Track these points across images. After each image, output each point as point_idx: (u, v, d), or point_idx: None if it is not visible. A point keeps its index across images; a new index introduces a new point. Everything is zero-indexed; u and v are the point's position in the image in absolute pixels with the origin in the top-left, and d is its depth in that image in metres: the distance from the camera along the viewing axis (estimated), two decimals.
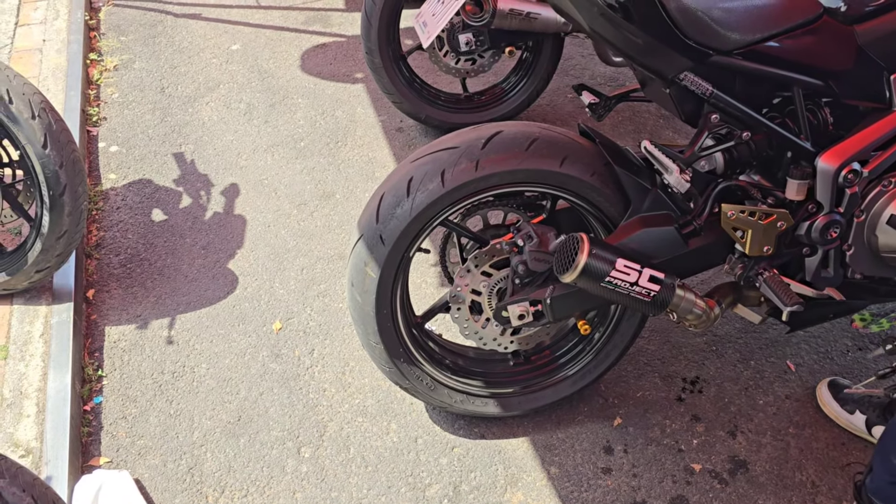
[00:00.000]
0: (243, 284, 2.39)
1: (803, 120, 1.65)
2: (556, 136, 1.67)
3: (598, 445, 1.94)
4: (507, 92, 2.85)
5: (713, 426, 1.98)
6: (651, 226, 1.67)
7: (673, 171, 1.59)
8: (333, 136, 2.96)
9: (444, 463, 1.91)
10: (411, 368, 1.84)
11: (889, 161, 1.64)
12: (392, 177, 1.71)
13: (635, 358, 2.14)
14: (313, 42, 3.50)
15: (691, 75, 1.57)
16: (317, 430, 1.99)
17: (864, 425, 1.87)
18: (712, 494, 1.83)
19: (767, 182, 1.73)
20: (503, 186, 1.65)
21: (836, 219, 1.66)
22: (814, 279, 1.75)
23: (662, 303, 1.60)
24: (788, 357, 2.14)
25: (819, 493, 1.82)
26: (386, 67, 2.67)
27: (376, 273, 1.69)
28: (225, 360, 2.17)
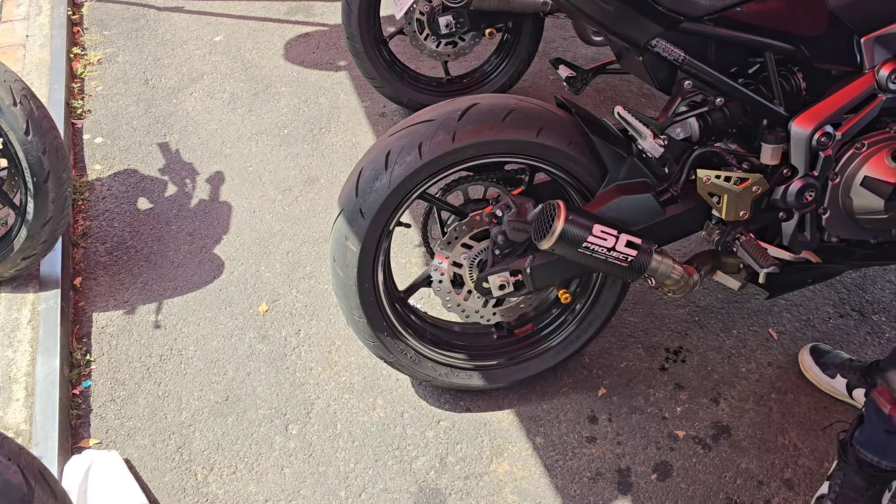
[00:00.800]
0: (229, 269, 2.40)
1: (776, 85, 1.67)
2: (533, 106, 1.69)
3: (582, 415, 1.96)
4: (488, 74, 2.87)
5: (696, 394, 2.00)
6: (628, 193, 1.69)
7: (646, 135, 1.60)
8: (317, 123, 2.97)
9: (431, 436, 1.93)
10: (395, 342, 1.86)
11: (861, 123, 1.66)
12: (371, 151, 1.72)
13: (618, 329, 2.16)
14: (296, 31, 3.51)
15: (663, 42, 1.59)
16: (304, 407, 2.01)
17: (846, 389, 1.89)
18: (696, 459, 1.85)
19: (743, 148, 1.75)
20: (480, 158, 1.67)
21: (811, 182, 1.69)
22: (791, 243, 1.78)
23: (640, 267, 1.62)
24: (770, 325, 2.16)
25: (801, 455, 1.85)
26: (367, 52, 2.69)
27: (357, 247, 1.71)
28: (212, 343, 2.19)
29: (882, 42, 1.62)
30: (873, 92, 1.64)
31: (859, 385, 1.85)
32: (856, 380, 1.86)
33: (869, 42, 1.62)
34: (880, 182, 1.64)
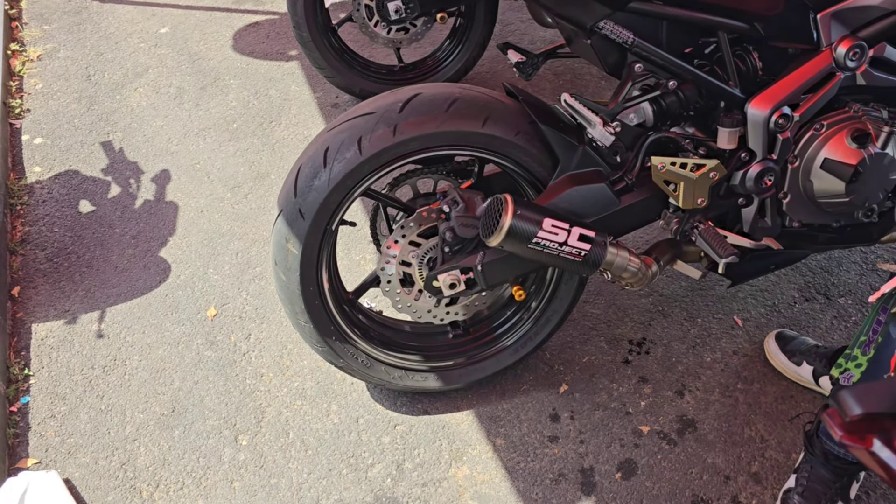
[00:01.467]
0: (176, 272, 2.30)
1: (731, 65, 1.59)
2: (478, 95, 1.60)
3: (543, 414, 1.89)
4: (442, 61, 2.77)
5: (661, 387, 1.94)
6: (581, 183, 1.61)
7: (596, 123, 1.53)
8: (267, 116, 2.86)
9: (387, 441, 1.85)
10: (344, 346, 1.77)
11: (820, 103, 1.59)
12: (309, 148, 1.63)
13: (580, 322, 2.09)
14: (245, 21, 3.38)
15: (611, 23, 1.50)
16: (254, 416, 1.92)
17: (812, 376, 1.84)
18: (661, 456, 1.79)
19: (700, 132, 1.68)
20: (424, 151, 1.58)
21: (770, 166, 1.62)
22: (751, 230, 1.71)
23: (594, 262, 1.55)
24: (735, 312, 2.11)
25: (768, 448, 1.80)
26: (315, 41, 2.58)
27: (298, 249, 1.62)
28: (158, 351, 2.09)
29: (839, 18, 1.55)
30: (831, 70, 1.57)
31: (825, 372, 1.80)
32: (822, 367, 1.81)
33: (825, 18, 1.55)
34: (840, 164, 1.58)
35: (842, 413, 0.64)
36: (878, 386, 0.67)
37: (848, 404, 0.65)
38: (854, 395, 0.66)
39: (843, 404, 0.65)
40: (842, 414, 0.64)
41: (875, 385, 0.67)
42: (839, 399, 0.66)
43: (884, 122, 1.58)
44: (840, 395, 0.66)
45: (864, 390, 0.67)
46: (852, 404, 0.65)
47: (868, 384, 0.68)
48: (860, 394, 0.66)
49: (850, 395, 0.66)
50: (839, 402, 0.66)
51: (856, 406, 0.64)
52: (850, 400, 0.65)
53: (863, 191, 1.60)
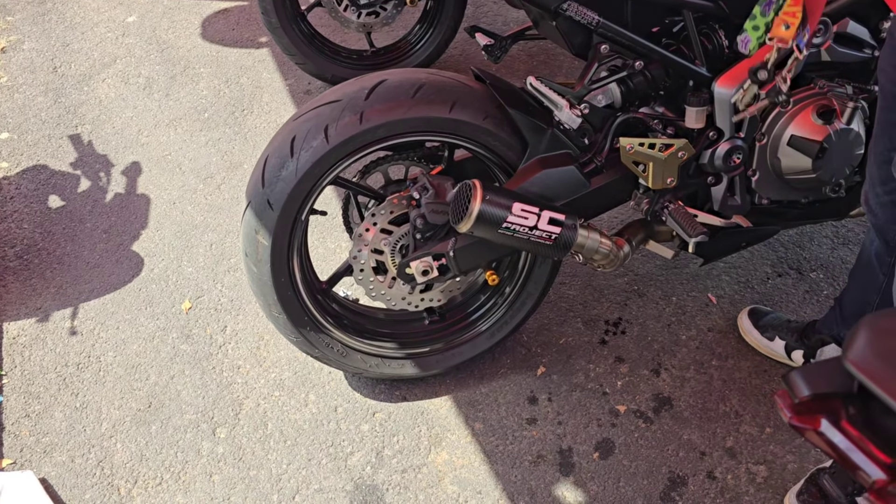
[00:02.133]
0: (149, 266, 2.28)
1: (696, 44, 1.59)
2: (445, 80, 1.59)
3: (521, 396, 1.90)
4: (413, 44, 2.75)
5: (637, 366, 1.95)
6: (550, 166, 1.61)
7: (563, 106, 1.52)
8: (239, 105, 2.83)
9: (366, 429, 1.86)
10: (319, 336, 1.77)
11: None
12: (276, 137, 1.61)
13: (556, 304, 2.10)
14: (214, 8, 3.34)
15: (576, 4, 1.50)
16: (232, 408, 1.91)
17: (784, 350, 1.86)
18: (637, 434, 1.81)
19: (668, 112, 1.68)
20: (392, 138, 1.57)
21: (738, 144, 1.62)
22: (721, 208, 1.72)
23: (565, 244, 1.55)
24: (710, 290, 2.12)
25: (742, 423, 1.82)
26: (284, 27, 2.55)
27: (268, 240, 1.61)
28: (133, 346, 2.07)
29: None
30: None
31: (797, 347, 1.82)
32: (794, 342, 1.83)
33: None
34: (807, 141, 1.58)
35: (791, 394, 0.65)
36: (827, 366, 0.67)
37: (797, 385, 0.65)
38: (803, 376, 0.66)
39: (793, 385, 0.65)
40: (791, 395, 0.65)
41: (823, 365, 0.67)
42: (789, 380, 0.67)
43: (848, 97, 1.58)
44: (790, 377, 0.67)
45: (812, 370, 0.67)
46: (801, 385, 0.65)
47: (817, 363, 0.68)
48: (809, 375, 0.66)
49: (799, 376, 0.66)
50: (788, 383, 0.66)
51: (805, 387, 0.65)
52: (799, 381, 0.66)
53: (829, 166, 1.61)
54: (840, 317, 1.68)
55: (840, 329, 1.70)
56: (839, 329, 1.70)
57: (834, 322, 1.71)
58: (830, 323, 1.72)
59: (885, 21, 1.58)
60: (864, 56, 1.61)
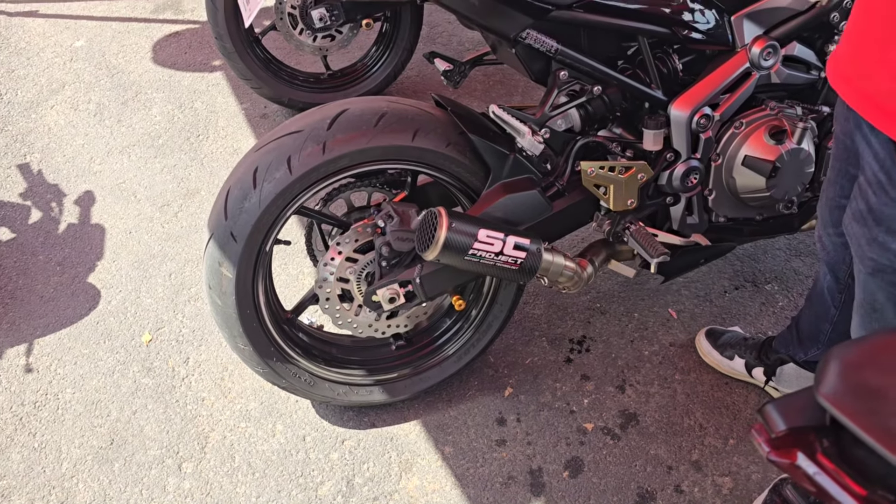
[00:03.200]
0: (107, 298, 2.23)
1: (652, 69, 1.63)
2: (406, 108, 1.60)
3: (490, 418, 1.91)
4: (370, 66, 2.75)
5: (602, 383, 1.98)
6: (513, 191, 1.63)
7: (525, 133, 1.54)
8: (194, 130, 2.79)
9: (336, 458, 1.84)
10: (286, 366, 1.75)
11: (738, 102, 1.64)
12: (237, 169, 1.60)
13: (522, 324, 2.12)
14: (165, 31, 3.29)
15: (534, 33, 1.52)
16: (198, 442, 1.88)
17: (745, 368, 1.90)
18: (606, 451, 1.83)
19: (627, 134, 1.71)
20: (355, 167, 1.57)
21: (695, 165, 1.66)
22: (680, 227, 1.76)
23: (531, 269, 1.57)
24: (670, 305, 2.16)
25: (707, 435, 1.85)
26: (239, 52, 2.53)
27: (232, 273, 1.59)
28: (92, 382, 2.02)
29: (752, 19, 1.61)
30: (747, 70, 1.62)
31: (756, 364, 1.87)
32: (753, 359, 1.87)
33: (739, 20, 1.60)
34: (760, 160, 1.63)
35: (768, 429, 0.67)
36: (800, 398, 0.70)
37: (773, 420, 0.67)
38: (778, 410, 0.68)
39: (769, 420, 0.68)
40: (768, 430, 0.67)
41: (796, 398, 0.69)
42: (764, 414, 0.69)
43: (798, 118, 1.64)
44: (765, 411, 0.69)
45: (787, 404, 0.69)
46: (777, 420, 0.67)
47: (790, 396, 0.70)
48: (784, 408, 0.69)
49: (774, 411, 0.69)
50: (765, 417, 0.68)
51: (780, 422, 0.67)
52: (774, 415, 0.68)
53: (782, 185, 1.66)
54: (797, 339, 1.73)
55: (796, 351, 1.75)
56: (795, 350, 1.75)
57: (791, 342, 1.76)
58: (787, 343, 1.77)
59: (829, 44, 1.65)
60: (811, 77, 1.67)
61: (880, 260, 1.16)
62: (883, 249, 1.14)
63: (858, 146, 1.13)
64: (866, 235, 1.16)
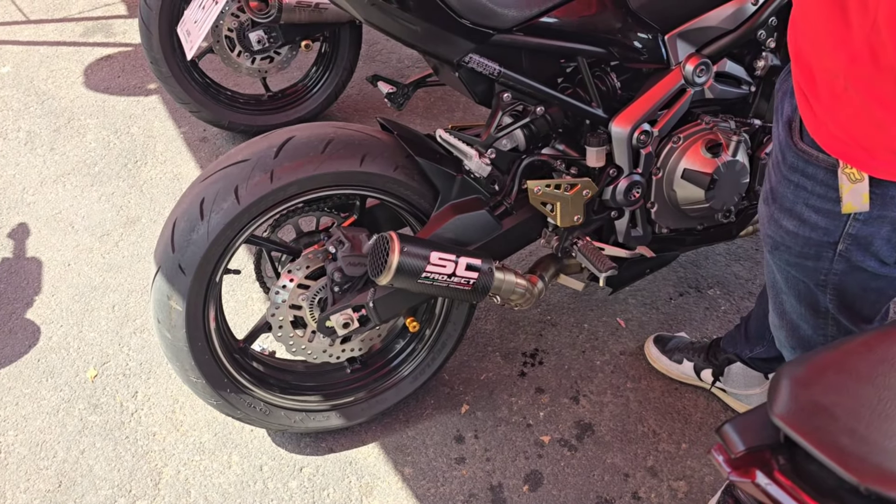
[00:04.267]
0: (47, 334, 2.16)
1: (591, 88, 1.67)
2: (353, 133, 1.60)
3: (448, 436, 1.92)
4: (311, 87, 2.74)
5: (557, 395, 2.01)
6: (462, 212, 1.64)
7: (472, 156, 1.56)
8: (131, 156, 2.72)
9: (294, 486, 1.82)
10: (241, 397, 1.72)
11: (675, 118, 1.69)
12: (183, 200, 1.57)
13: (475, 340, 2.13)
14: (96, 55, 3.21)
15: (476, 57, 1.54)
16: (151, 479, 1.83)
17: (693, 371, 1.96)
18: (563, 463, 1.86)
19: (570, 151, 1.75)
20: (304, 194, 1.56)
21: (636, 179, 1.71)
22: (625, 240, 1.80)
23: (483, 289, 1.58)
24: (618, 314, 2.21)
25: (660, 441, 1.90)
26: (175, 76, 2.48)
27: (182, 306, 1.56)
28: (35, 422, 1.95)
29: (684, 38, 1.66)
30: (682, 87, 1.67)
31: (705, 366, 1.92)
32: (701, 362, 1.93)
33: (672, 39, 1.66)
34: (698, 173, 1.69)
35: (727, 449, 0.70)
36: (755, 417, 0.73)
37: (731, 440, 0.70)
38: (735, 429, 0.71)
39: (727, 440, 0.70)
40: (727, 450, 0.70)
41: (752, 416, 0.72)
42: (723, 435, 0.71)
43: (732, 131, 1.70)
44: (724, 431, 0.72)
45: (743, 423, 0.72)
46: (735, 440, 0.70)
47: (746, 415, 0.73)
48: (741, 427, 0.72)
49: (732, 431, 0.71)
50: (723, 437, 0.71)
51: (739, 442, 0.70)
52: (732, 435, 0.71)
53: (720, 196, 1.72)
54: (745, 337, 1.80)
55: (743, 349, 1.81)
56: (741, 348, 1.81)
57: (738, 341, 1.82)
58: (734, 341, 1.84)
59: (757, 59, 1.72)
60: (742, 92, 1.74)
61: (775, 237, 1.22)
62: (777, 226, 1.20)
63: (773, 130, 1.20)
64: (767, 214, 1.22)
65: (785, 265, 1.25)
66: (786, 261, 1.23)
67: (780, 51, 1.72)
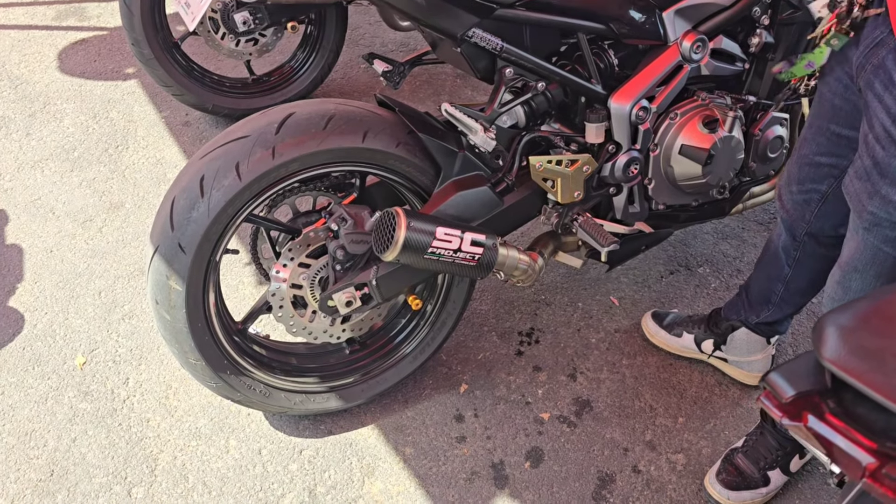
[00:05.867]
0: (31, 322, 2.10)
1: (591, 64, 1.68)
2: (354, 110, 1.59)
3: (448, 416, 1.92)
4: (296, 70, 2.71)
5: (554, 372, 2.02)
6: (464, 188, 1.64)
7: (477, 130, 1.56)
8: (112, 141, 2.67)
9: (295, 469, 1.80)
10: (240, 379, 1.70)
11: (672, 94, 1.71)
12: (181, 178, 1.54)
13: (471, 321, 2.13)
14: (70, 38, 3.13)
15: (479, 31, 1.54)
16: (146, 465, 1.80)
17: (694, 343, 1.98)
18: (564, 439, 1.87)
19: (569, 129, 1.76)
20: (306, 170, 1.55)
21: (635, 156, 1.72)
22: (623, 216, 1.82)
23: (488, 264, 1.58)
24: (611, 293, 2.23)
25: (657, 416, 1.92)
26: (158, 58, 2.43)
27: (182, 286, 1.53)
28: (23, 412, 1.90)
29: (682, 14, 1.68)
30: (679, 63, 1.69)
31: (707, 337, 1.95)
32: (701, 333, 1.96)
33: (670, 15, 1.67)
34: (695, 149, 1.71)
35: (776, 395, 0.71)
36: (799, 364, 0.74)
37: (780, 387, 0.71)
38: (784, 376, 0.72)
39: (776, 387, 0.71)
40: (776, 396, 0.71)
41: (796, 364, 0.74)
42: (770, 383, 0.72)
43: (728, 107, 1.72)
44: (770, 379, 0.73)
45: (789, 371, 0.73)
46: (784, 386, 0.71)
47: (790, 364, 0.74)
48: (788, 375, 0.73)
49: (779, 378, 0.72)
50: (771, 385, 0.72)
51: (788, 388, 0.71)
52: (780, 382, 0.72)
53: (717, 171, 1.74)
54: (747, 303, 1.82)
55: (747, 314, 1.84)
56: (746, 314, 1.84)
57: (741, 307, 1.85)
58: (737, 308, 1.86)
59: (751, 36, 1.74)
60: (737, 69, 1.76)
61: (879, 213, 1.21)
62: (884, 202, 1.19)
63: (869, 104, 1.19)
64: (868, 190, 1.21)
65: (880, 242, 1.23)
66: (884, 237, 1.22)
67: (774, 28, 1.75)
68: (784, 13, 1.74)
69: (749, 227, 2.42)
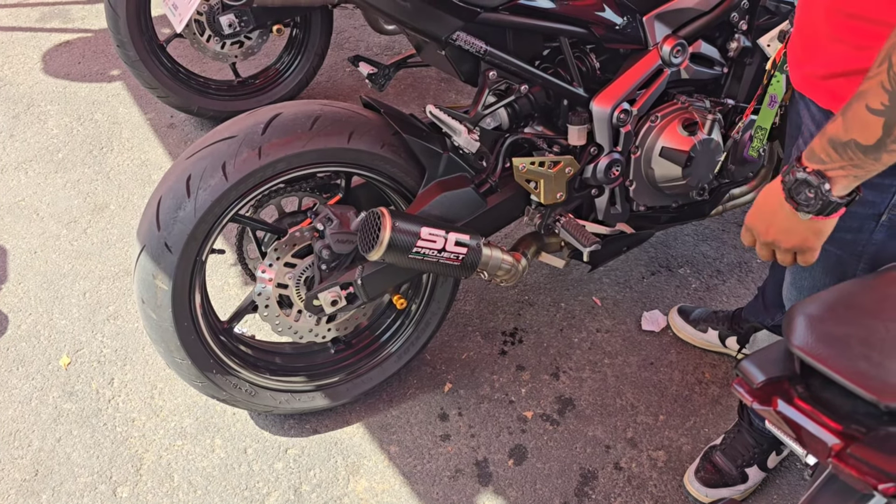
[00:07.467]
0: (15, 322, 2.10)
1: (573, 68, 1.71)
2: (340, 111, 1.61)
3: (432, 414, 1.94)
4: (282, 72, 2.72)
5: (537, 372, 2.04)
6: (449, 189, 1.66)
7: (461, 132, 1.58)
8: (96, 142, 2.67)
9: (280, 468, 1.82)
10: (226, 378, 1.71)
11: (653, 98, 1.74)
12: (168, 177, 1.55)
13: (455, 321, 2.16)
14: (54, 40, 3.12)
15: (464, 35, 1.56)
16: (132, 464, 1.81)
17: (718, 339, 2.02)
18: (547, 437, 1.90)
19: (551, 131, 1.79)
20: (292, 171, 1.56)
21: (616, 158, 1.76)
22: (605, 217, 1.85)
23: (472, 264, 1.61)
24: (594, 293, 2.26)
25: (638, 413, 1.95)
26: (144, 60, 2.44)
27: (168, 285, 1.54)
28: (7, 412, 1.90)
29: (662, 19, 1.71)
30: (659, 67, 1.73)
31: (730, 334, 1.99)
32: (726, 330, 2.00)
33: (650, 20, 1.71)
34: (675, 151, 1.74)
35: (748, 381, 0.73)
36: (770, 352, 0.77)
37: (751, 373, 0.74)
38: (754, 363, 0.75)
39: (747, 374, 0.74)
40: (748, 382, 0.73)
41: (766, 352, 0.76)
42: (742, 370, 0.75)
43: (707, 110, 1.76)
44: (742, 366, 0.76)
45: (759, 359, 0.76)
46: (755, 372, 0.74)
47: (760, 352, 0.77)
48: (759, 362, 0.75)
49: (751, 365, 0.75)
50: (742, 372, 0.75)
51: (759, 374, 0.73)
52: (752, 369, 0.75)
53: (697, 173, 1.78)
54: (763, 307, 1.86)
55: (764, 317, 1.87)
56: (763, 317, 1.88)
57: (758, 310, 1.88)
58: (756, 311, 1.90)
59: (730, 41, 1.78)
60: (715, 73, 1.80)
61: None
62: None
63: (802, 117, 1.24)
64: None
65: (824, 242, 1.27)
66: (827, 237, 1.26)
67: (751, 32, 1.79)
68: (761, 18, 1.78)
69: (729, 229, 2.46)
